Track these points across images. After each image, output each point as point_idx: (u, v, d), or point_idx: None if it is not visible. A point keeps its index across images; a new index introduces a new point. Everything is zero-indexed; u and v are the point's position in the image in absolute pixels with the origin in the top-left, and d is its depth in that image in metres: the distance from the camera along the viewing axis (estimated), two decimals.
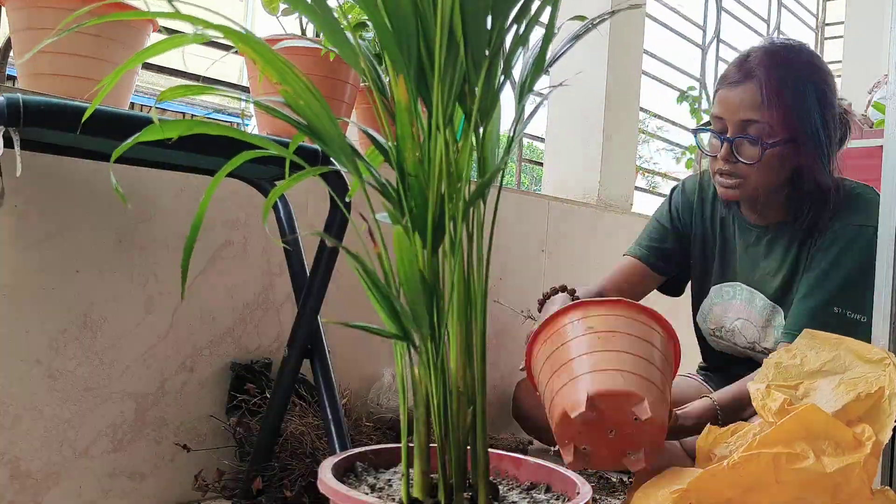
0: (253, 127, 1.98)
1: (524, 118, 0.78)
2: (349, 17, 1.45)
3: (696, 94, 3.07)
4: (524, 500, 0.79)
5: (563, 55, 0.78)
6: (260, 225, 1.37)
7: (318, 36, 1.46)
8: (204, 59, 1.47)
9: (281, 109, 0.70)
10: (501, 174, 0.77)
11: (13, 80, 1.53)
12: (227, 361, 1.34)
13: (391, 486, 0.78)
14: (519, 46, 0.74)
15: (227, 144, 0.80)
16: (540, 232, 2.02)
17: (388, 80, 0.74)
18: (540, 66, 0.76)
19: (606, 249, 2.26)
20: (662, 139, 3.48)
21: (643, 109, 2.60)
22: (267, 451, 1.21)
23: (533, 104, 0.80)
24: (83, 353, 1.18)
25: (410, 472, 0.75)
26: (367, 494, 0.74)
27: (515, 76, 0.78)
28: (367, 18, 0.69)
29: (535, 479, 0.84)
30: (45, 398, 1.14)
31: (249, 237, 1.36)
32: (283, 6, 1.45)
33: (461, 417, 0.74)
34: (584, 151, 2.36)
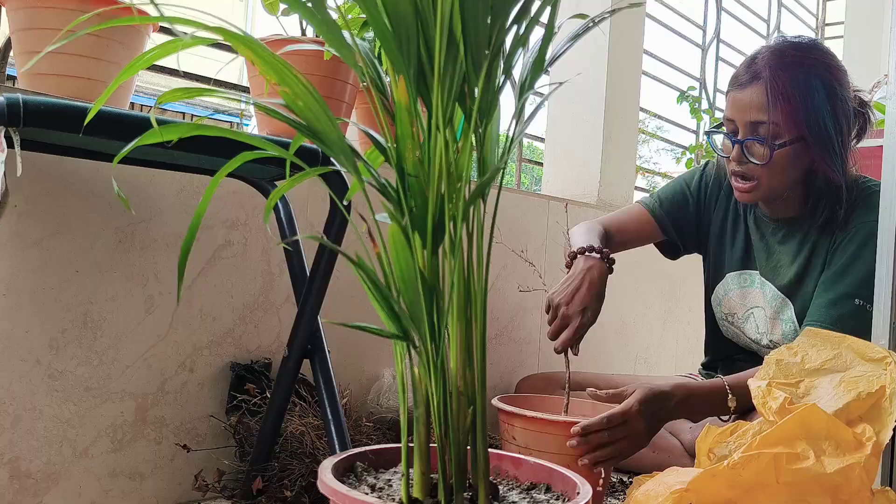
0: (253, 127, 1.98)
1: (524, 118, 0.78)
2: (349, 17, 1.45)
3: (696, 94, 3.06)
4: (524, 500, 0.79)
5: (563, 55, 0.78)
6: (260, 225, 1.37)
7: (317, 36, 1.46)
8: (205, 59, 1.48)
9: (280, 110, 0.70)
10: (501, 174, 0.77)
11: (13, 80, 1.53)
12: (227, 361, 1.34)
13: (391, 486, 0.78)
14: (519, 46, 0.74)
15: (227, 145, 0.80)
16: (540, 232, 2.02)
17: (387, 80, 0.74)
18: (540, 65, 0.76)
19: None
20: (662, 139, 3.48)
21: (643, 109, 2.60)
22: (267, 451, 1.21)
23: (533, 104, 0.80)
24: (83, 353, 1.18)
25: (410, 472, 0.75)
26: (367, 494, 0.74)
27: (515, 76, 0.78)
28: (367, 19, 0.69)
29: (535, 479, 0.84)
30: (45, 398, 1.14)
31: (249, 237, 1.36)
32: (283, 6, 1.45)
33: (461, 417, 0.74)
34: (584, 151, 2.36)
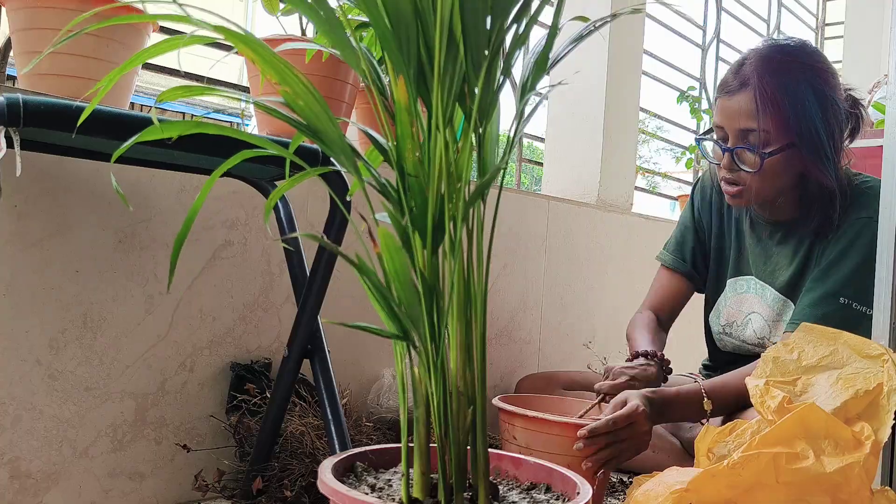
0: (253, 127, 1.98)
1: (524, 118, 0.78)
2: (349, 16, 1.45)
3: (696, 94, 3.06)
4: (524, 500, 0.79)
5: (564, 56, 0.78)
6: (260, 225, 1.37)
7: (317, 34, 1.46)
8: (205, 59, 1.48)
9: (281, 110, 0.70)
10: (501, 174, 0.77)
11: (13, 80, 1.53)
12: (227, 361, 1.34)
13: (391, 486, 0.78)
14: (519, 47, 0.74)
15: (226, 144, 0.80)
16: (540, 232, 2.02)
17: (387, 80, 0.74)
18: (542, 66, 0.76)
19: (606, 249, 2.26)
20: (662, 139, 3.48)
21: (643, 109, 2.60)
22: (267, 451, 1.21)
23: (533, 104, 0.80)
24: (83, 353, 1.18)
25: (410, 472, 0.75)
26: (367, 494, 0.74)
27: (515, 76, 0.78)
28: (367, 19, 0.68)
29: (535, 479, 0.84)
30: (45, 398, 1.14)
31: (249, 237, 1.36)
32: (283, 5, 1.45)
33: (461, 417, 0.74)
34: (584, 151, 2.36)
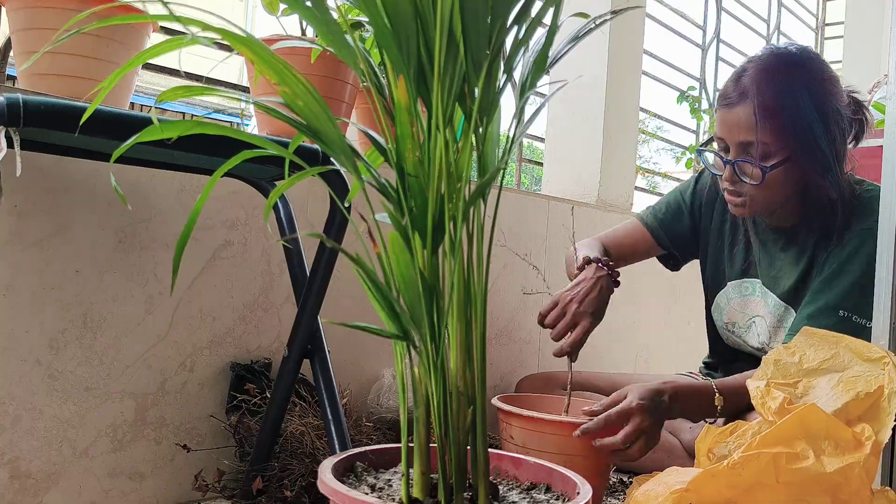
0: (253, 127, 1.98)
1: (525, 119, 0.78)
2: (349, 17, 1.45)
3: (696, 94, 3.06)
4: (524, 500, 0.79)
5: (564, 55, 0.78)
6: (260, 225, 1.37)
7: (317, 36, 1.46)
8: (206, 59, 1.48)
9: (280, 110, 0.70)
10: (501, 174, 0.77)
11: (13, 80, 1.53)
12: (227, 361, 1.34)
13: (391, 486, 0.78)
14: (520, 47, 0.74)
15: (226, 144, 0.80)
16: (540, 232, 2.02)
17: (386, 80, 0.74)
18: (542, 65, 0.76)
19: None
20: (662, 139, 3.48)
21: (643, 109, 2.60)
22: (267, 451, 1.21)
23: (533, 104, 0.80)
24: (83, 353, 1.18)
25: (410, 472, 0.75)
26: (367, 494, 0.74)
27: (516, 76, 0.78)
28: (367, 19, 0.68)
29: (535, 479, 0.84)
30: (45, 398, 1.14)
31: (249, 237, 1.36)
32: (283, 6, 1.45)
33: (461, 417, 0.74)
34: (584, 151, 2.36)
